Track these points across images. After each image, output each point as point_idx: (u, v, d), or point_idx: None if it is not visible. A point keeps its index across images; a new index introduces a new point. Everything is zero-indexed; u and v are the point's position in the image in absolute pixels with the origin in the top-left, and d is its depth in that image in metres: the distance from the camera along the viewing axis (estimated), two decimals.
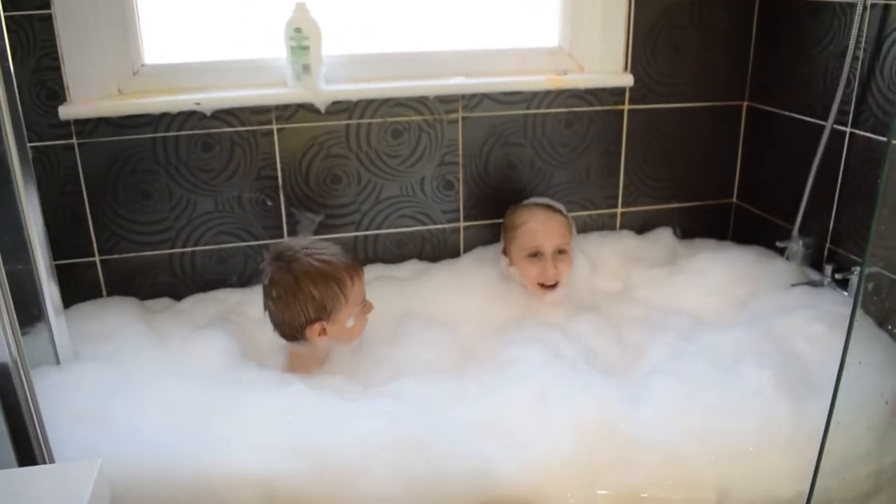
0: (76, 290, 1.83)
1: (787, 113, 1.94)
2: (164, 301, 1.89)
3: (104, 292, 1.87)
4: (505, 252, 1.89)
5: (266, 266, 1.55)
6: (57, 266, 1.77)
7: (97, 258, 1.84)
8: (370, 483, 1.18)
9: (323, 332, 1.53)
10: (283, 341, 1.60)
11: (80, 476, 0.83)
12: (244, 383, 1.44)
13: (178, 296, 1.90)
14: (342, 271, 1.53)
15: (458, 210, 2.01)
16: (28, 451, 1.08)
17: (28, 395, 1.06)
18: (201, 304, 1.84)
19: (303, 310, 1.51)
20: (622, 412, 1.38)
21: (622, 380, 1.54)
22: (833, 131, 1.75)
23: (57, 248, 1.78)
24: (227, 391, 1.39)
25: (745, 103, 2.10)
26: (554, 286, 1.82)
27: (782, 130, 1.96)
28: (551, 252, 1.81)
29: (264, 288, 1.56)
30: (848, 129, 1.73)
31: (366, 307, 1.61)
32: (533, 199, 1.92)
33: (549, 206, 1.87)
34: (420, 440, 1.25)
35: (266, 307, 1.57)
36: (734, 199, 2.19)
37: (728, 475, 1.29)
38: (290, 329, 1.55)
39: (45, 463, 1.09)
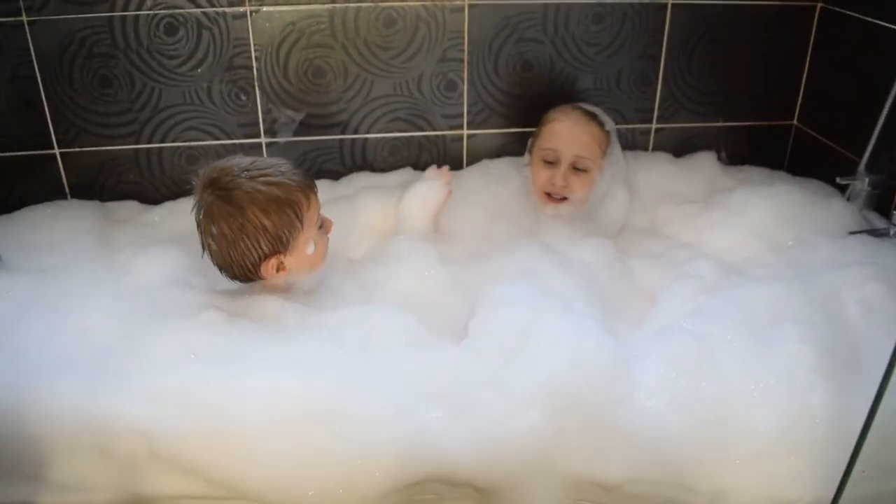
0: (38, 186, 1.68)
1: (868, 18, 1.56)
2: (132, 207, 1.71)
3: (67, 191, 1.71)
4: (530, 150, 1.67)
5: (197, 196, 1.27)
6: (13, 158, 1.65)
7: (56, 150, 1.67)
8: (266, 457, 1.01)
9: (281, 266, 1.29)
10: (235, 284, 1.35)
11: None
12: (170, 309, 1.24)
13: (147, 199, 1.73)
14: (296, 193, 1.26)
15: (462, 115, 1.74)
16: None
17: None
18: (171, 217, 1.65)
19: (254, 245, 1.24)
20: (612, 380, 1.14)
21: (622, 334, 1.28)
22: None
23: (12, 137, 1.64)
24: (144, 320, 1.20)
25: (819, 4, 1.71)
26: (561, 201, 1.59)
27: (861, 39, 1.59)
28: (568, 162, 1.56)
29: (199, 223, 1.28)
30: None
31: (325, 226, 1.36)
32: (581, 103, 1.65)
33: (587, 113, 1.60)
34: (338, 400, 1.06)
35: (205, 246, 1.29)
36: (794, 121, 1.83)
37: (730, 477, 1.07)
38: (241, 270, 1.29)
39: None
